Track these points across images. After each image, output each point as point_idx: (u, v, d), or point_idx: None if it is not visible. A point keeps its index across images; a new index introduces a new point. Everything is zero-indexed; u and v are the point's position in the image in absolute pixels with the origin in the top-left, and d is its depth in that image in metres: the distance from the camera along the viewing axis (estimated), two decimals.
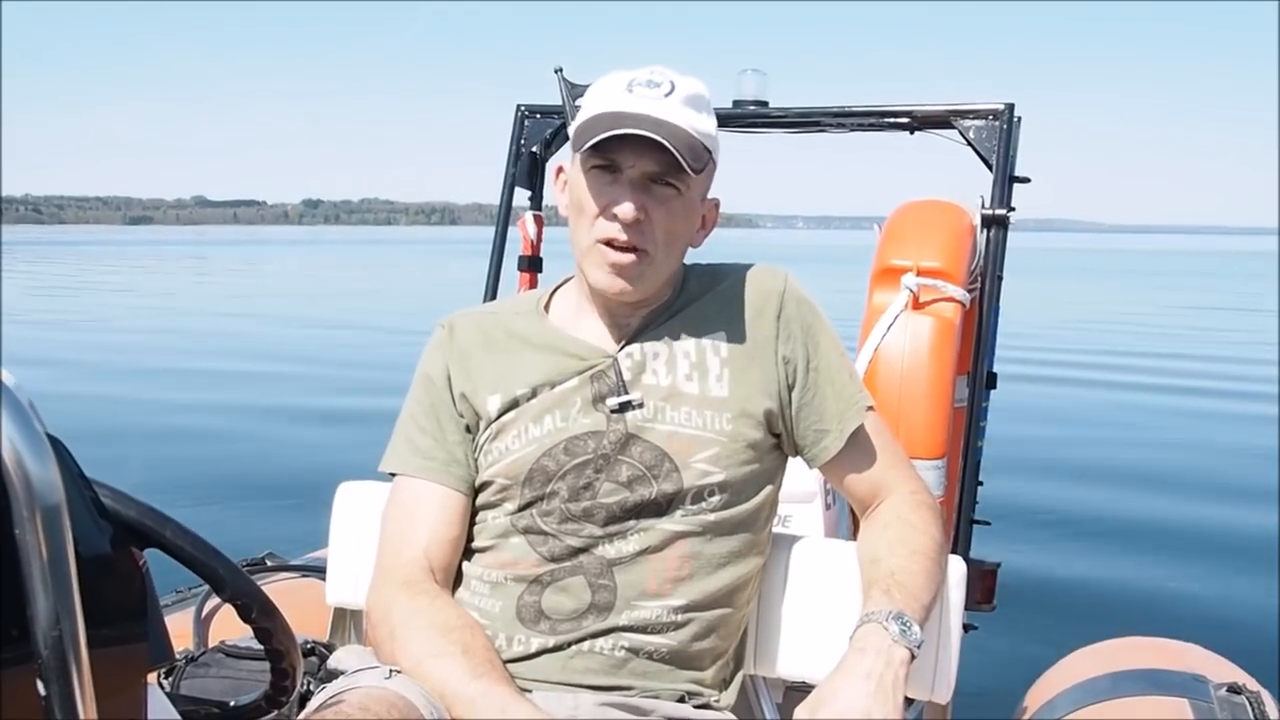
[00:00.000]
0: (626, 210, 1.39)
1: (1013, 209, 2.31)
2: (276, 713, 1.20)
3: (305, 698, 1.51)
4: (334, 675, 1.39)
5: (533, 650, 1.42)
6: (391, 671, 1.32)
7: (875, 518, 1.51)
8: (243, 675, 1.89)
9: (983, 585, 2.40)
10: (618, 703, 1.40)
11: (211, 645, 2.04)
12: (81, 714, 0.79)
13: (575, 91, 2.38)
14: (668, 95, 1.40)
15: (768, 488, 1.51)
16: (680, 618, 1.43)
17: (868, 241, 2.41)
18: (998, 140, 2.31)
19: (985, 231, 2.31)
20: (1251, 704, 2.06)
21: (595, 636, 1.41)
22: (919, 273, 2.21)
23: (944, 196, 2.43)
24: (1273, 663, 3.13)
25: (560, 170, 1.52)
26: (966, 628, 2.04)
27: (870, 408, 1.53)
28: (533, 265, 2.74)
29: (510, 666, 1.40)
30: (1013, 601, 2.63)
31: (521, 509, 1.45)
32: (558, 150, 2.70)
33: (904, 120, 2.49)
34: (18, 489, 0.77)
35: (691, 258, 1.56)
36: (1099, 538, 6.02)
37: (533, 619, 1.43)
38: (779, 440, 1.51)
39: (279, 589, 2.38)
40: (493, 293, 2.66)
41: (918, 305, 2.21)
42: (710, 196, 1.51)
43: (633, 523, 1.43)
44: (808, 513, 2.35)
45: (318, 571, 2.31)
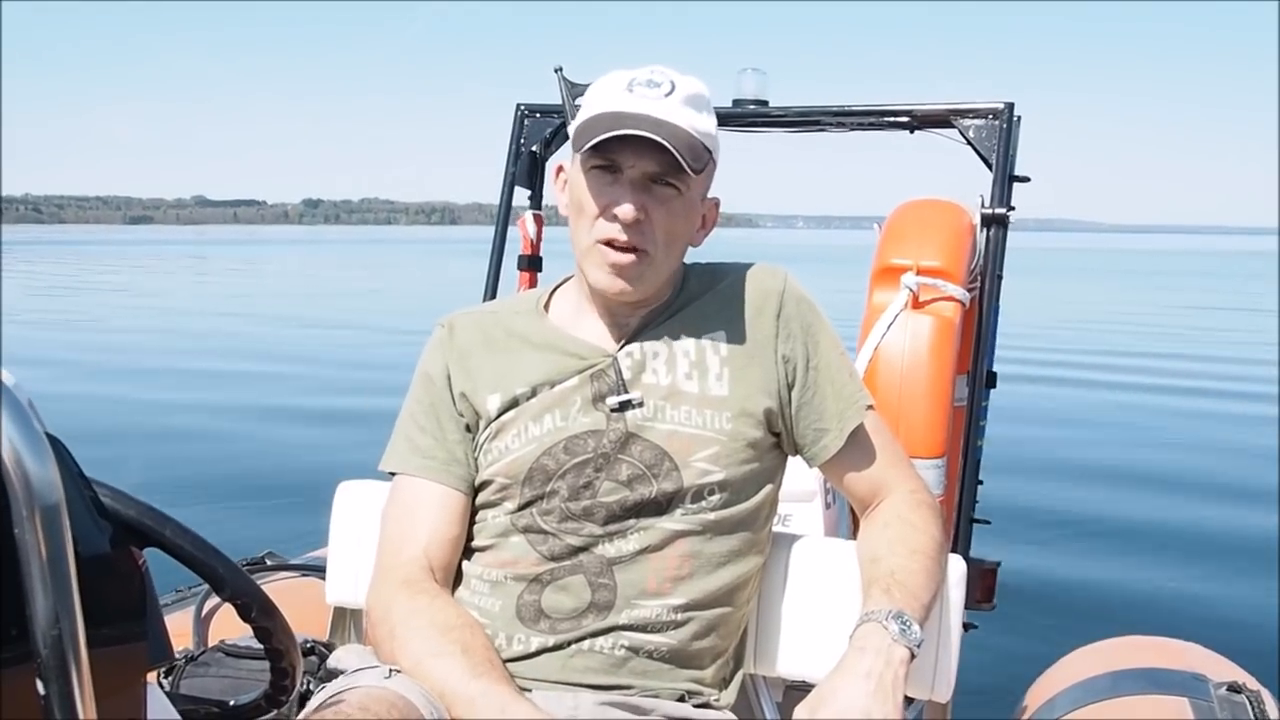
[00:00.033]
0: (627, 211, 1.39)
1: (1012, 208, 2.31)
2: (276, 712, 1.20)
3: (305, 697, 1.51)
4: (334, 674, 1.39)
5: (533, 649, 1.42)
6: (391, 671, 1.32)
7: (875, 517, 1.51)
8: (242, 674, 1.89)
9: (983, 584, 2.40)
10: (618, 702, 1.40)
11: (211, 644, 2.04)
12: (81, 713, 0.79)
13: (575, 91, 2.38)
14: (668, 95, 1.40)
15: (767, 487, 1.51)
16: (680, 617, 1.43)
17: (868, 241, 2.41)
18: (997, 139, 2.31)
19: (985, 231, 2.31)
20: (1251, 703, 2.06)
21: (595, 635, 1.41)
22: (919, 272, 2.21)
23: (944, 196, 2.43)
24: (1273, 662, 3.13)
25: (560, 169, 1.52)
26: (966, 626, 2.04)
27: (870, 407, 1.53)
28: (532, 265, 2.74)
29: (510, 665, 1.40)
30: (1013, 600, 2.63)
31: (521, 508, 1.45)
32: (557, 150, 2.70)
33: (904, 119, 2.49)
34: (17, 488, 0.77)
35: (691, 257, 1.55)
36: (1099, 537, 6.02)
37: (533, 618, 1.42)
38: (779, 439, 1.51)
39: (279, 588, 2.38)
40: (492, 292, 2.66)
41: (918, 304, 2.21)
42: (710, 196, 1.51)
43: (633, 522, 1.43)
44: (808, 512, 2.35)
45: (317, 571, 2.31)
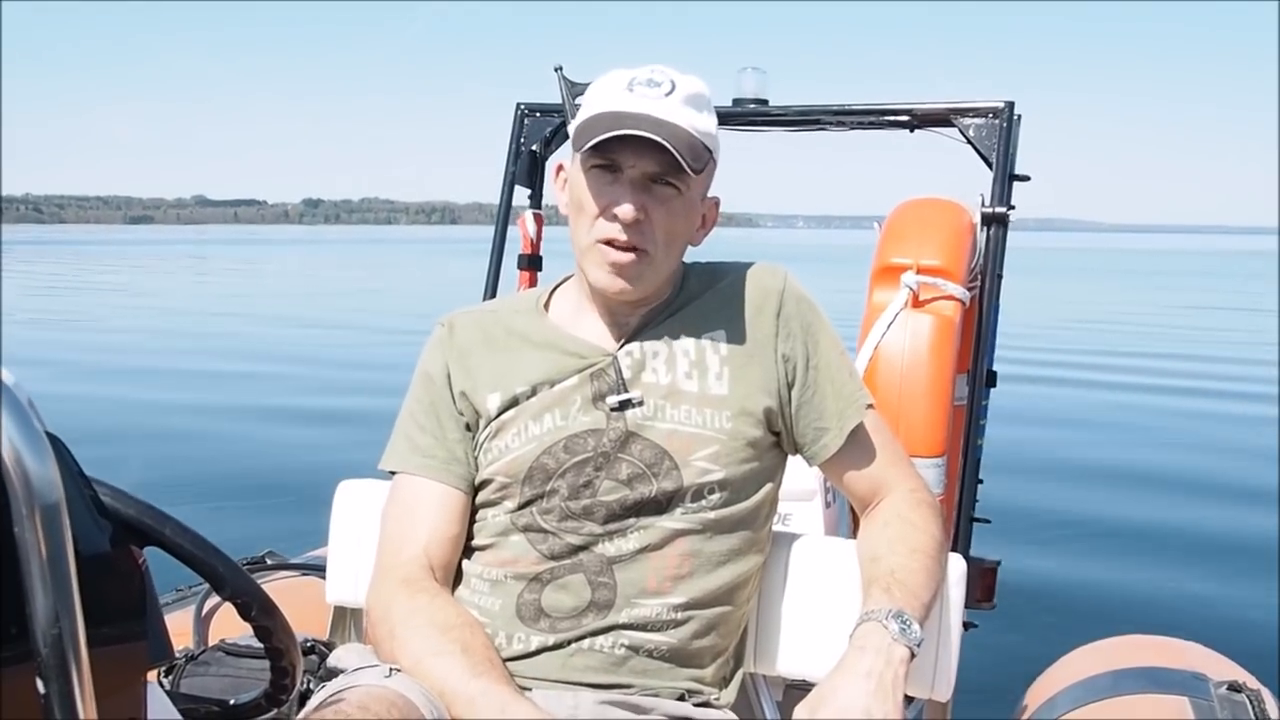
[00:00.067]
0: (626, 211, 1.39)
1: (1013, 207, 2.31)
2: (276, 711, 1.20)
3: (305, 696, 1.51)
4: (334, 673, 1.39)
5: (533, 648, 1.42)
6: (391, 670, 1.32)
7: (875, 516, 1.51)
8: (243, 673, 1.89)
9: (983, 583, 2.40)
10: (617, 701, 1.40)
11: (211, 643, 2.04)
12: (81, 712, 0.79)
13: (575, 90, 2.37)
14: (668, 94, 1.40)
15: (767, 485, 1.51)
16: (680, 615, 1.43)
17: (868, 241, 2.41)
18: (998, 138, 2.31)
19: (985, 230, 2.30)
20: (1252, 702, 2.06)
21: (595, 634, 1.41)
22: (919, 271, 2.21)
23: (944, 195, 2.43)
24: (1273, 661, 3.13)
25: (560, 168, 1.52)
26: (967, 625, 2.04)
27: (870, 406, 1.53)
28: (532, 264, 2.74)
29: (510, 665, 1.40)
30: (1013, 599, 2.63)
31: (521, 507, 1.45)
32: (557, 149, 2.70)
33: (904, 118, 2.49)
34: (17, 487, 0.77)
35: (691, 256, 1.55)
36: (1099, 537, 6.02)
37: (533, 617, 1.42)
38: (778, 438, 1.51)
39: (279, 587, 2.38)
40: (492, 291, 2.66)
41: (918, 303, 2.21)
42: (710, 195, 1.51)
43: (632, 520, 1.42)
44: (808, 511, 2.35)
45: (317, 570, 2.31)
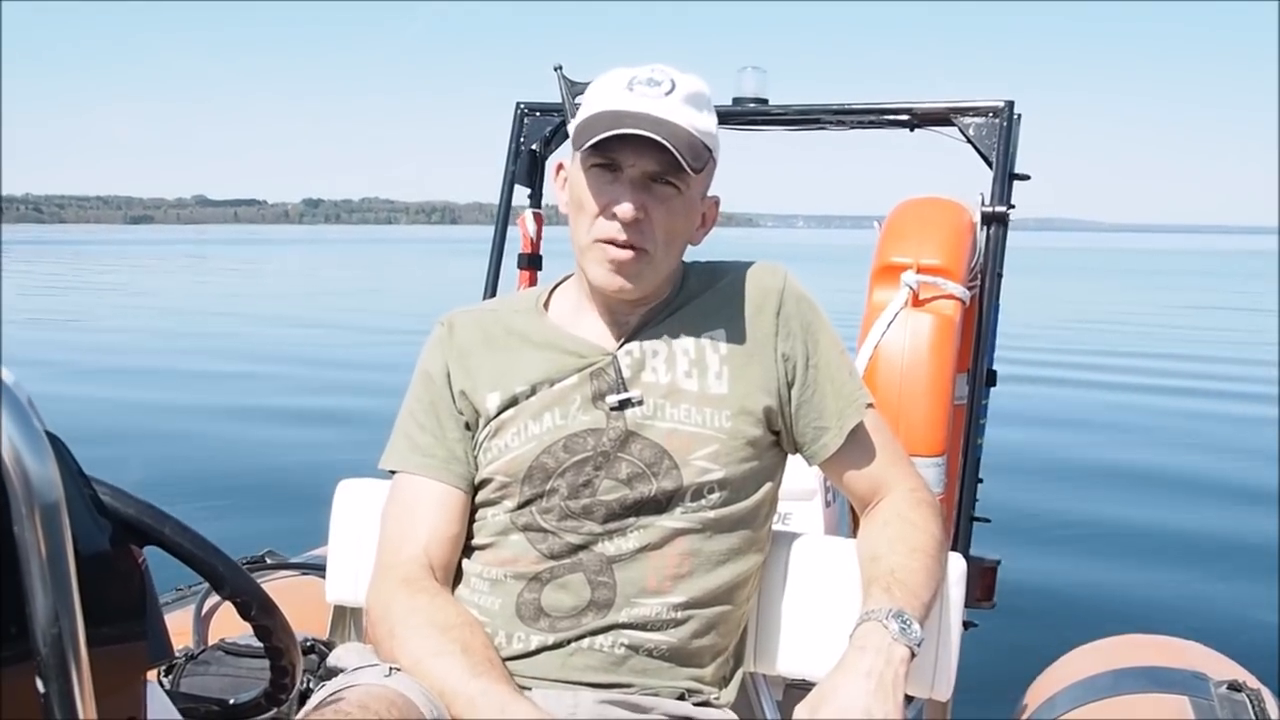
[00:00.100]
0: (626, 210, 1.38)
1: (1013, 206, 2.31)
2: (276, 710, 1.20)
3: (305, 695, 1.51)
4: (333, 673, 1.39)
5: (532, 648, 1.42)
6: (391, 669, 1.32)
7: (875, 515, 1.51)
8: (242, 673, 1.89)
9: (983, 582, 2.40)
10: (617, 700, 1.40)
11: (211, 643, 2.04)
12: (81, 712, 0.78)
13: (575, 89, 2.37)
14: (668, 94, 1.40)
15: (767, 485, 1.51)
16: (680, 615, 1.43)
17: (868, 241, 2.41)
18: (998, 137, 2.30)
19: (985, 229, 2.30)
20: (1252, 702, 2.06)
21: (595, 634, 1.41)
22: (919, 270, 2.21)
23: (944, 194, 2.43)
24: (1273, 661, 3.13)
25: (560, 167, 1.52)
26: (967, 625, 2.04)
27: (870, 405, 1.53)
28: (532, 263, 2.74)
29: (510, 664, 1.40)
30: (1013, 599, 2.63)
31: (521, 506, 1.45)
32: (557, 148, 2.70)
33: (904, 118, 2.48)
34: (17, 486, 0.77)
35: (691, 256, 1.55)
36: (1099, 537, 6.02)
37: (532, 616, 1.42)
38: (778, 437, 1.51)
39: (279, 587, 2.38)
40: (492, 290, 2.66)
41: (918, 302, 2.21)
42: (710, 194, 1.51)
43: (632, 520, 1.42)
44: (807, 510, 2.35)
45: (317, 569, 2.31)
